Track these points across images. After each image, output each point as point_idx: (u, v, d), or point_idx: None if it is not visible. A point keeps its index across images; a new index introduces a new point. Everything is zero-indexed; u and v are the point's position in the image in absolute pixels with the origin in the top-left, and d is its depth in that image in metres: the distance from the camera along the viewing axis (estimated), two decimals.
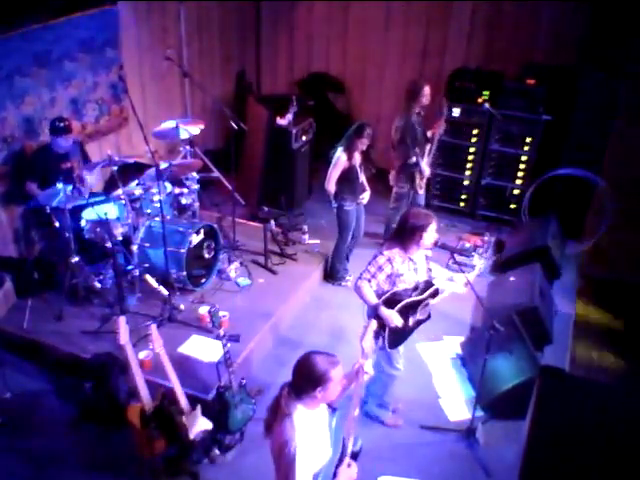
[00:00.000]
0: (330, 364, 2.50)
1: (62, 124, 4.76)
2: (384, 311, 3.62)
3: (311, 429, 2.53)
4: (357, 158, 5.03)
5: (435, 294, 3.79)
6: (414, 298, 3.69)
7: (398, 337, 3.81)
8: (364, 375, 2.83)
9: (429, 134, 5.60)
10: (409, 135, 5.38)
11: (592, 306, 5.50)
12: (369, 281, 3.67)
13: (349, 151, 4.96)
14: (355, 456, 2.72)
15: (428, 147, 5.63)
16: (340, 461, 2.67)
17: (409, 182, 5.62)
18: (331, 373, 2.48)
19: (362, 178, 5.16)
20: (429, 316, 3.89)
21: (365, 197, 5.23)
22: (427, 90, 5.38)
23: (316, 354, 2.55)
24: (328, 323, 5.05)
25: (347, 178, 5.05)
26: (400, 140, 5.44)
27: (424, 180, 5.68)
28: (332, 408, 2.79)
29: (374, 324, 3.24)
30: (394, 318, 3.62)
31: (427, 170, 5.61)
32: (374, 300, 3.66)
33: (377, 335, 3.76)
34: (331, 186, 5.07)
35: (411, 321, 3.78)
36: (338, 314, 5.15)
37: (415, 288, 3.73)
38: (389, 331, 3.69)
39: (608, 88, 5.62)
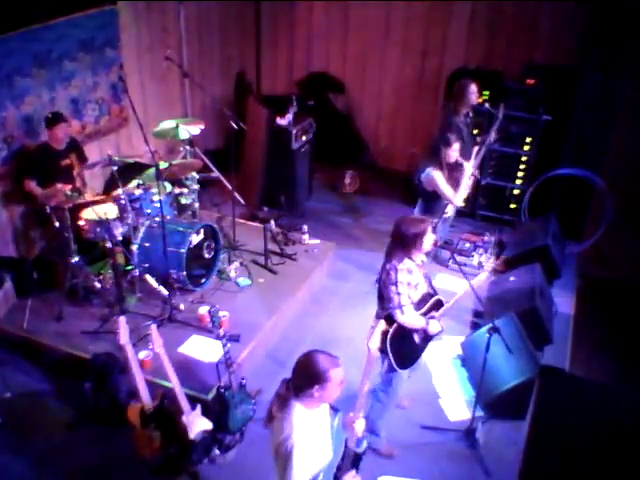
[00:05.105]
0: (331, 364, 2.49)
1: (56, 113, 4.78)
2: (431, 324, 3.58)
3: (310, 429, 2.53)
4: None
5: (439, 305, 3.67)
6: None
7: (406, 356, 3.62)
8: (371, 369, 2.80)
9: (479, 138, 5.49)
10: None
11: (591, 306, 5.50)
12: (408, 299, 3.50)
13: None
14: (358, 459, 2.70)
15: (475, 150, 5.43)
16: (342, 462, 2.67)
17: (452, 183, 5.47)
18: (331, 372, 2.46)
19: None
20: (441, 329, 3.68)
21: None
22: (473, 88, 5.17)
23: (318, 353, 2.53)
24: (328, 323, 5.04)
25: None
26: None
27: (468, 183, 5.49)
28: (334, 409, 2.79)
29: (382, 324, 3.14)
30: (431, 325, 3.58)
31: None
32: (422, 322, 3.57)
33: (382, 358, 3.57)
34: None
35: (416, 338, 3.63)
36: (338, 314, 5.15)
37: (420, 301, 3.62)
38: (395, 351, 3.49)
39: (608, 88, 5.62)
